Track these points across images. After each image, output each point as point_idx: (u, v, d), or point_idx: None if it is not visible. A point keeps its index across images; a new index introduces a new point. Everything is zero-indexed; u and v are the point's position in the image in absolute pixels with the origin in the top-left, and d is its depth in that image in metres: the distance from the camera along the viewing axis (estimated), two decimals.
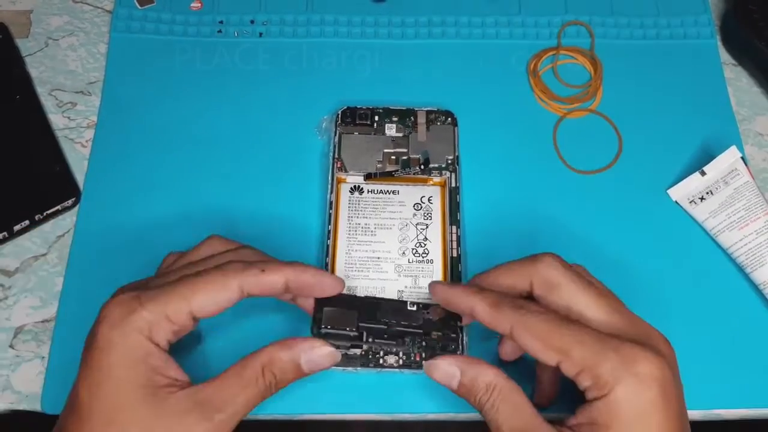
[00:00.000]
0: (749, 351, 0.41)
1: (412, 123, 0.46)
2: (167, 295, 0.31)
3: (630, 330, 0.32)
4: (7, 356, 0.41)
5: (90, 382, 0.31)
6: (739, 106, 0.50)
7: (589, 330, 0.31)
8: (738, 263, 0.43)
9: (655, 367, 0.30)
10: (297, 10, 0.52)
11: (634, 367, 0.29)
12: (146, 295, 0.32)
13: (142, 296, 0.31)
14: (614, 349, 0.30)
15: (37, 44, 0.51)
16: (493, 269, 0.36)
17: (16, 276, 0.43)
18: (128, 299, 0.31)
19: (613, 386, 0.29)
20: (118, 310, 0.31)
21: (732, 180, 0.44)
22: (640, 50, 0.51)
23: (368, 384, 0.40)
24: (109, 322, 0.31)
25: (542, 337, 0.31)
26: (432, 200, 0.43)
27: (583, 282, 0.33)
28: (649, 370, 0.29)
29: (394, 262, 0.41)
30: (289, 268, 0.34)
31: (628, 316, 0.33)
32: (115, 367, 0.30)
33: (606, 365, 0.29)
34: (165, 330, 0.31)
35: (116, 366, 0.30)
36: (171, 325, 0.32)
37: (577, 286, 0.33)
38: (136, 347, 0.31)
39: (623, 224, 0.45)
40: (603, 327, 0.32)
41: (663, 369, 0.30)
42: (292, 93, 0.49)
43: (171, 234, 0.44)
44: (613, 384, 0.29)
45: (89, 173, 0.46)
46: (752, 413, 0.40)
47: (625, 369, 0.29)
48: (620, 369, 0.29)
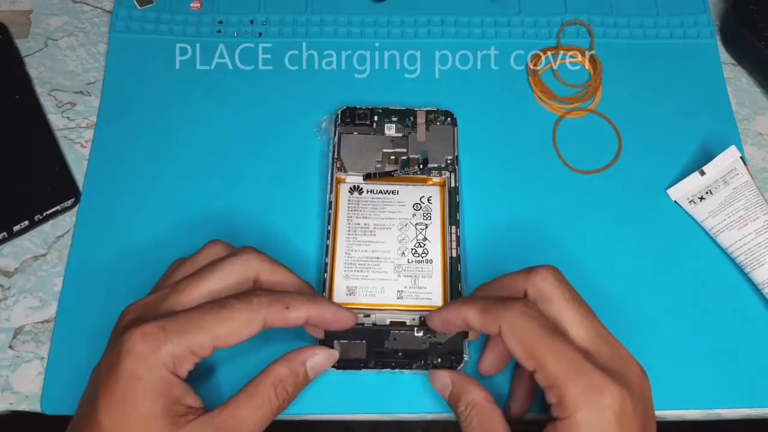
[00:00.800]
0: (749, 351, 0.41)
1: (411, 123, 0.46)
2: (193, 329, 0.32)
3: (607, 354, 0.33)
4: (6, 357, 0.41)
5: (114, 411, 0.31)
6: (738, 105, 0.50)
7: (570, 347, 0.32)
8: (737, 263, 0.43)
9: (617, 400, 0.30)
10: (297, 10, 0.52)
11: (598, 396, 0.30)
12: (171, 326, 0.32)
13: (168, 328, 0.32)
14: (586, 375, 0.31)
15: (36, 44, 0.51)
16: (493, 280, 0.37)
17: (15, 276, 0.43)
18: (154, 332, 0.31)
19: (574, 411, 0.30)
20: (144, 344, 0.31)
21: (731, 180, 0.44)
22: (639, 50, 0.51)
23: (368, 384, 0.40)
24: (136, 355, 0.31)
25: (524, 344, 0.32)
26: (431, 200, 0.43)
27: (574, 299, 0.34)
28: (610, 402, 0.30)
29: (393, 262, 0.41)
30: (313, 306, 0.35)
31: (609, 340, 0.34)
32: (140, 400, 0.31)
33: (573, 389, 0.31)
34: (188, 362, 0.32)
35: (141, 399, 0.31)
36: (194, 357, 0.32)
37: (567, 301, 0.34)
38: (161, 381, 0.31)
39: (622, 224, 0.45)
40: (582, 344, 0.33)
41: (624, 402, 0.31)
42: (291, 93, 0.49)
43: (170, 234, 0.44)
44: (574, 409, 0.31)
45: (89, 173, 0.46)
46: (752, 413, 0.40)
47: (589, 397, 0.31)
48: (584, 396, 0.30)
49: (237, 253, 0.36)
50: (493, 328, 0.33)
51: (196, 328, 0.32)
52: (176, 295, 0.34)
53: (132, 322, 0.33)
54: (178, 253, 0.43)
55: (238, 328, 0.32)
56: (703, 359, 0.41)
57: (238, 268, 0.35)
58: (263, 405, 0.33)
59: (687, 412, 0.40)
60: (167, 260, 0.43)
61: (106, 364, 0.32)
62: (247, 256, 0.36)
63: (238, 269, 0.35)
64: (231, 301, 0.33)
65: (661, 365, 0.41)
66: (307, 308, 0.34)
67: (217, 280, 0.34)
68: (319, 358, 0.36)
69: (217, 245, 0.38)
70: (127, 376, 0.31)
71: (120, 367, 0.31)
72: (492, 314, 0.33)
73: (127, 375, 0.31)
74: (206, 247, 0.38)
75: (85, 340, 0.41)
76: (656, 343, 0.41)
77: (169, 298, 0.34)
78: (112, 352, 0.32)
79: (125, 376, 0.31)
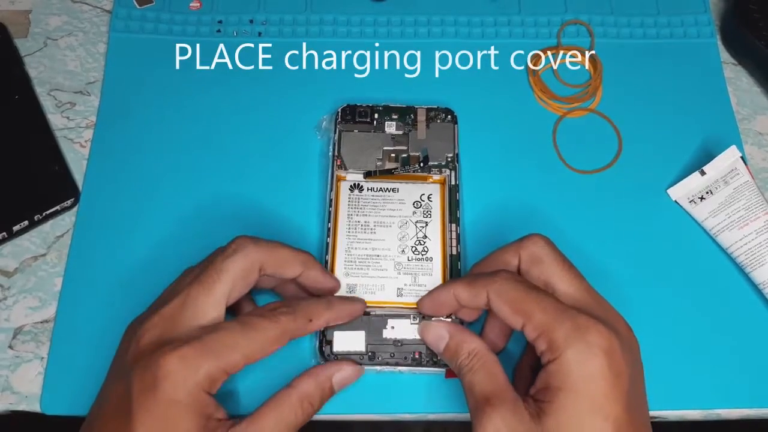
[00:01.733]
0: (749, 351, 0.41)
1: (412, 120, 0.46)
2: (227, 350, 0.33)
3: (595, 308, 0.34)
4: (6, 357, 0.41)
5: (150, 430, 0.31)
6: (739, 105, 0.50)
7: (554, 299, 0.33)
8: (738, 263, 0.43)
9: (604, 338, 0.32)
10: (296, 9, 0.52)
11: (586, 335, 0.32)
12: (207, 348, 0.32)
13: (203, 350, 0.32)
14: (571, 318, 0.32)
15: (36, 44, 0.51)
16: (486, 256, 0.38)
17: (15, 276, 0.43)
18: (191, 355, 0.32)
19: (564, 350, 0.32)
20: (182, 367, 0.32)
21: (732, 179, 0.44)
22: (639, 50, 0.51)
23: (368, 384, 0.40)
24: (174, 379, 0.32)
25: (511, 302, 0.34)
26: (432, 198, 0.43)
27: (563, 261, 0.36)
28: (598, 340, 0.31)
29: (393, 260, 0.41)
30: (332, 312, 0.37)
31: (597, 297, 0.35)
32: (180, 422, 0.32)
33: (560, 331, 0.32)
34: (221, 381, 0.33)
35: (181, 421, 0.32)
36: (226, 376, 0.33)
37: (557, 263, 0.35)
38: (198, 402, 0.32)
39: (623, 224, 0.45)
40: (570, 301, 0.34)
41: (611, 341, 0.32)
42: (291, 93, 0.49)
43: (170, 234, 0.44)
44: (564, 348, 0.32)
45: (88, 173, 0.46)
46: (752, 413, 0.40)
47: (577, 336, 0.32)
48: (572, 335, 0.32)
49: (234, 248, 0.36)
50: (482, 297, 0.35)
51: (230, 350, 0.33)
52: (192, 305, 0.34)
53: (159, 342, 0.33)
54: (178, 252, 0.43)
55: (268, 345, 0.34)
56: (703, 359, 0.41)
57: (241, 263, 0.35)
58: (288, 418, 0.34)
59: (687, 412, 0.40)
60: (167, 260, 0.43)
61: (139, 387, 0.32)
62: (245, 250, 0.36)
63: (241, 265, 0.35)
64: (260, 322, 0.34)
65: (662, 365, 0.41)
66: (327, 316, 0.37)
67: (227, 282, 0.35)
68: (346, 374, 0.37)
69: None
70: (167, 400, 0.31)
71: (158, 392, 0.31)
72: (480, 285, 0.35)
73: (166, 399, 0.31)
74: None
75: (84, 340, 0.41)
76: (656, 343, 0.41)
77: (185, 310, 0.34)
78: (146, 374, 0.32)
79: (164, 401, 0.31)
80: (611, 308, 0.35)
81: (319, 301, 0.37)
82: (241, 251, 0.36)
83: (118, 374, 0.34)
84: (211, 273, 0.35)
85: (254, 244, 0.36)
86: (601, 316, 0.33)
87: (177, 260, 0.43)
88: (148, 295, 0.42)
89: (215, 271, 0.35)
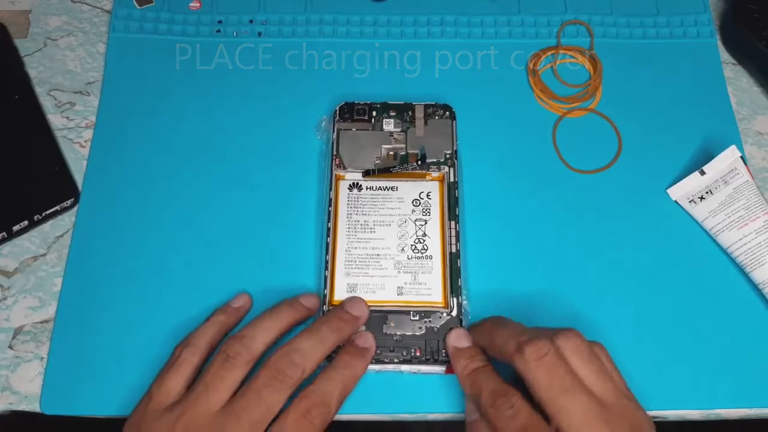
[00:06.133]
0: (749, 351, 0.41)
1: (410, 118, 0.46)
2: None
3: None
4: (6, 357, 0.41)
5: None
6: (739, 105, 0.50)
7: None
8: (737, 263, 0.43)
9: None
10: (296, 9, 0.52)
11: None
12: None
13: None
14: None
15: (35, 44, 0.51)
16: (490, 328, 0.38)
17: (15, 276, 0.43)
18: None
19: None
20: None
21: (732, 179, 0.44)
22: (639, 50, 0.51)
23: (368, 384, 0.40)
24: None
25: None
26: (431, 196, 0.43)
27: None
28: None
29: (393, 259, 0.41)
30: (364, 354, 0.38)
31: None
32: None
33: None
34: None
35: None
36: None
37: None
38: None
39: (622, 224, 0.45)
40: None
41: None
42: (291, 93, 0.49)
43: (170, 233, 0.44)
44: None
45: (88, 173, 0.46)
46: (752, 413, 0.40)
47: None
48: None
49: (271, 378, 0.35)
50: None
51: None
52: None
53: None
54: (178, 252, 0.43)
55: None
56: (703, 359, 0.41)
57: (282, 395, 0.35)
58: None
59: (687, 412, 0.40)
60: (167, 260, 0.43)
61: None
62: (281, 375, 0.35)
63: (282, 396, 0.35)
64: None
65: (662, 365, 0.41)
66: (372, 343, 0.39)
67: (268, 414, 0.34)
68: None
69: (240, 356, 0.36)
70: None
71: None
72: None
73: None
74: (228, 362, 0.36)
75: (84, 340, 0.41)
76: (656, 343, 0.41)
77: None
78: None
79: None
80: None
81: (333, 381, 0.36)
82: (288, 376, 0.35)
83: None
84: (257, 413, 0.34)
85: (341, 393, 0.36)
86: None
87: (177, 260, 0.43)
88: (148, 295, 0.42)
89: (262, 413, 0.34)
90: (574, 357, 0.34)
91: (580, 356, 0.34)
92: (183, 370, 0.36)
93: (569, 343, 0.34)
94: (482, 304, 0.42)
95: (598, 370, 0.34)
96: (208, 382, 0.35)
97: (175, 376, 0.36)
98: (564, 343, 0.34)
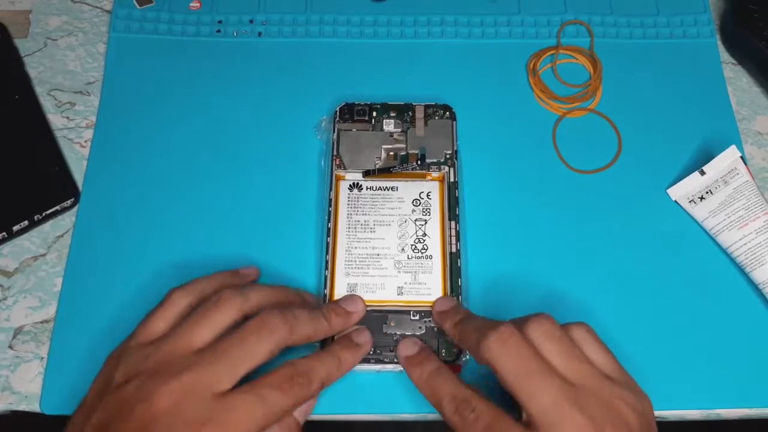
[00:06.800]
0: (749, 351, 0.41)
1: (410, 118, 0.46)
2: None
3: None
4: (6, 357, 0.41)
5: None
6: (739, 105, 0.50)
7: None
8: (738, 263, 0.43)
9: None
10: (296, 9, 0.52)
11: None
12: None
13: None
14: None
15: (35, 44, 0.51)
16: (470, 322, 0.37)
17: (15, 276, 0.43)
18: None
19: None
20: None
21: (732, 179, 0.44)
22: (639, 50, 0.51)
23: (368, 384, 0.40)
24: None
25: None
26: (431, 195, 0.43)
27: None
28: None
29: (393, 259, 0.41)
30: (356, 349, 0.38)
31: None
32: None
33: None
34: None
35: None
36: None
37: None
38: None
39: (622, 224, 0.45)
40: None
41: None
42: (291, 93, 0.49)
43: (170, 234, 0.44)
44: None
45: (88, 173, 0.46)
46: (752, 413, 0.40)
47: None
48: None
49: (259, 326, 0.34)
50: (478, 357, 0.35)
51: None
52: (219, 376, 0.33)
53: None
54: (178, 252, 0.43)
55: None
56: (703, 359, 0.41)
57: (266, 345, 0.34)
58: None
59: (687, 412, 0.40)
60: (167, 259, 0.43)
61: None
62: (270, 326, 0.34)
63: (266, 347, 0.34)
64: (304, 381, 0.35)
65: (662, 365, 0.41)
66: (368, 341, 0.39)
67: (249, 361, 0.34)
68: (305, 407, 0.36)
69: (228, 306, 0.36)
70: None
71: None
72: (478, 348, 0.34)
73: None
74: (218, 304, 0.36)
75: (84, 340, 0.41)
76: (656, 343, 0.41)
77: (217, 380, 0.33)
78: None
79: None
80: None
81: (320, 362, 0.36)
82: (265, 327, 0.34)
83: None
84: (236, 350, 0.33)
85: (280, 320, 0.35)
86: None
87: (177, 260, 0.43)
88: (148, 295, 0.42)
89: (240, 350, 0.33)
90: (545, 341, 0.33)
91: (551, 339, 0.33)
92: (170, 311, 0.36)
93: (539, 328, 0.33)
94: (482, 303, 0.42)
95: (569, 352, 0.33)
96: (193, 321, 0.34)
97: (161, 316, 0.36)
98: (533, 328, 0.33)
